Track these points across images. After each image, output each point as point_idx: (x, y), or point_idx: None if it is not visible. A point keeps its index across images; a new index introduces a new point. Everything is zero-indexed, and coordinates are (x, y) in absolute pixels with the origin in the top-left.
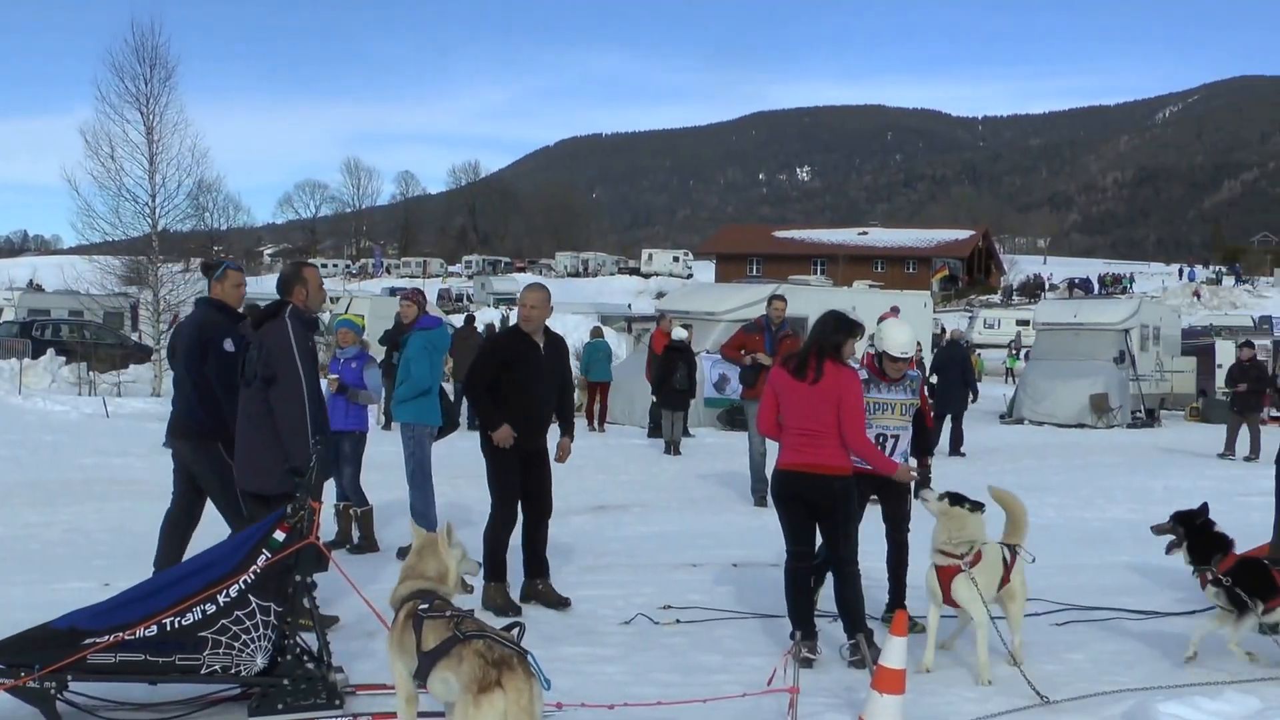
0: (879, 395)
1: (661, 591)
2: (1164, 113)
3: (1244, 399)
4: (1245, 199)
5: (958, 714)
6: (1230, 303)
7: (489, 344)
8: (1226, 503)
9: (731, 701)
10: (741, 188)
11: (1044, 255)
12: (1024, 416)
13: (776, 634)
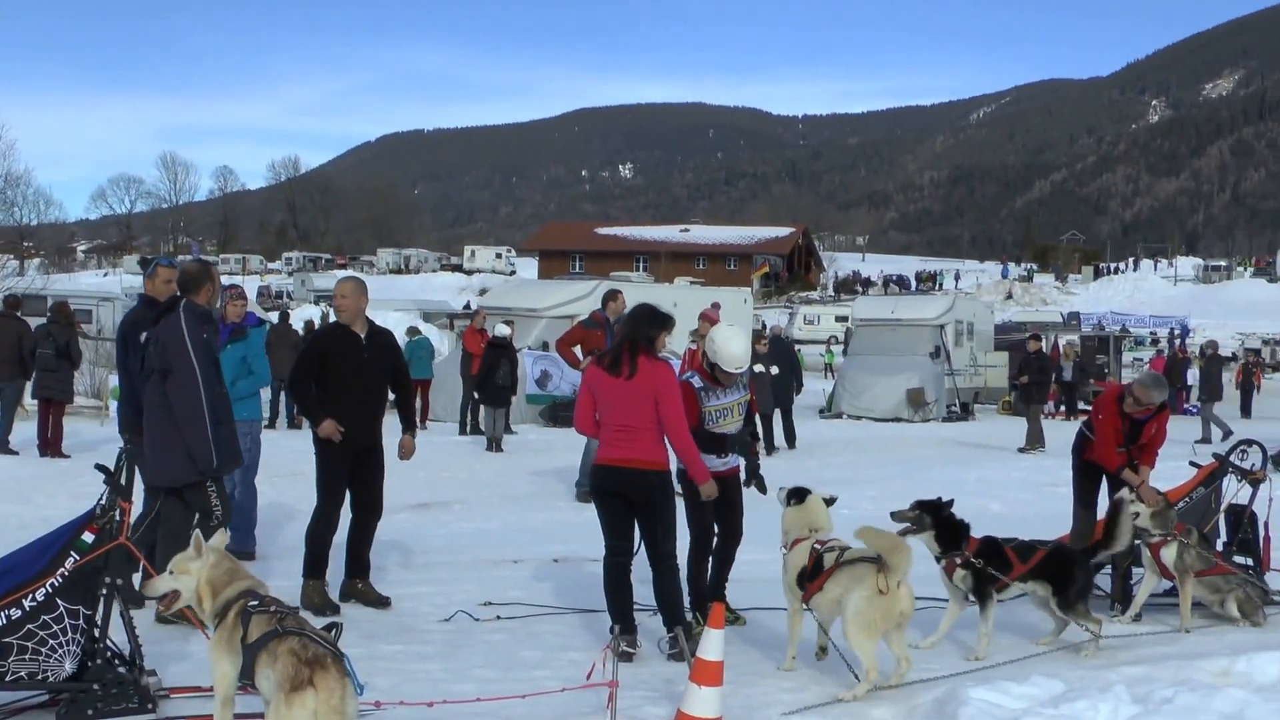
0: (716, 402)
1: (482, 588)
2: (978, 114)
3: (1028, 390)
4: (1055, 198)
5: (775, 704)
6: (1041, 299)
7: (310, 339)
8: (1035, 492)
9: (551, 697)
10: (564, 185)
11: (863, 253)
12: (843, 411)
13: (597, 629)
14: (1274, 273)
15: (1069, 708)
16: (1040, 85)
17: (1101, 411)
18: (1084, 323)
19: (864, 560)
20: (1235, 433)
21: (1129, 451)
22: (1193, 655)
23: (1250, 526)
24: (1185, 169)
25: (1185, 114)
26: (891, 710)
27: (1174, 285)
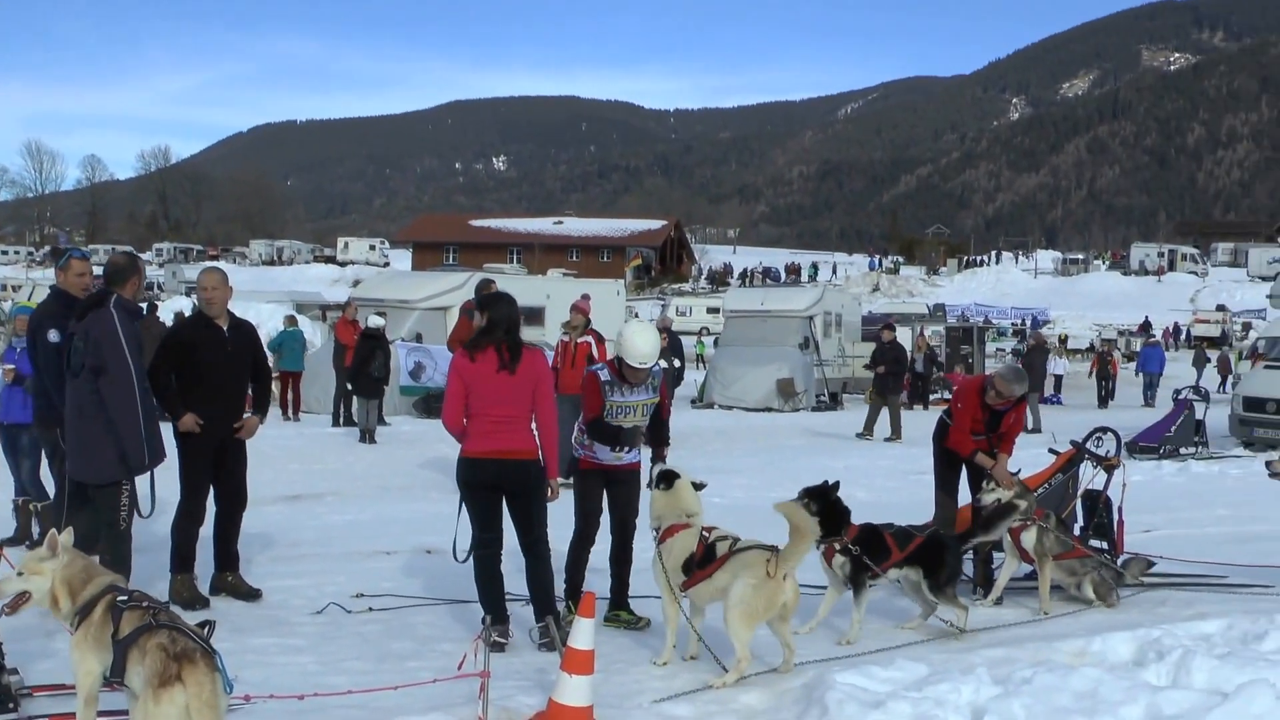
0: (620, 398)
1: (354, 580)
2: (846, 110)
3: (883, 381)
4: (920, 193)
5: (646, 691)
6: (908, 291)
7: (170, 331)
8: (900, 480)
9: (423, 688)
10: (438, 176)
11: (734, 245)
12: (714, 401)
13: (469, 619)
14: (1128, 266)
15: (932, 690)
16: (906, 82)
17: (962, 401)
18: (949, 314)
19: (756, 548)
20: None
21: (988, 439)
22: (1051, 637)
23: (1105, 511)
24: (1044, 165)
25: (1044, 112)
26: (761, 696)
27: (1034, 278)
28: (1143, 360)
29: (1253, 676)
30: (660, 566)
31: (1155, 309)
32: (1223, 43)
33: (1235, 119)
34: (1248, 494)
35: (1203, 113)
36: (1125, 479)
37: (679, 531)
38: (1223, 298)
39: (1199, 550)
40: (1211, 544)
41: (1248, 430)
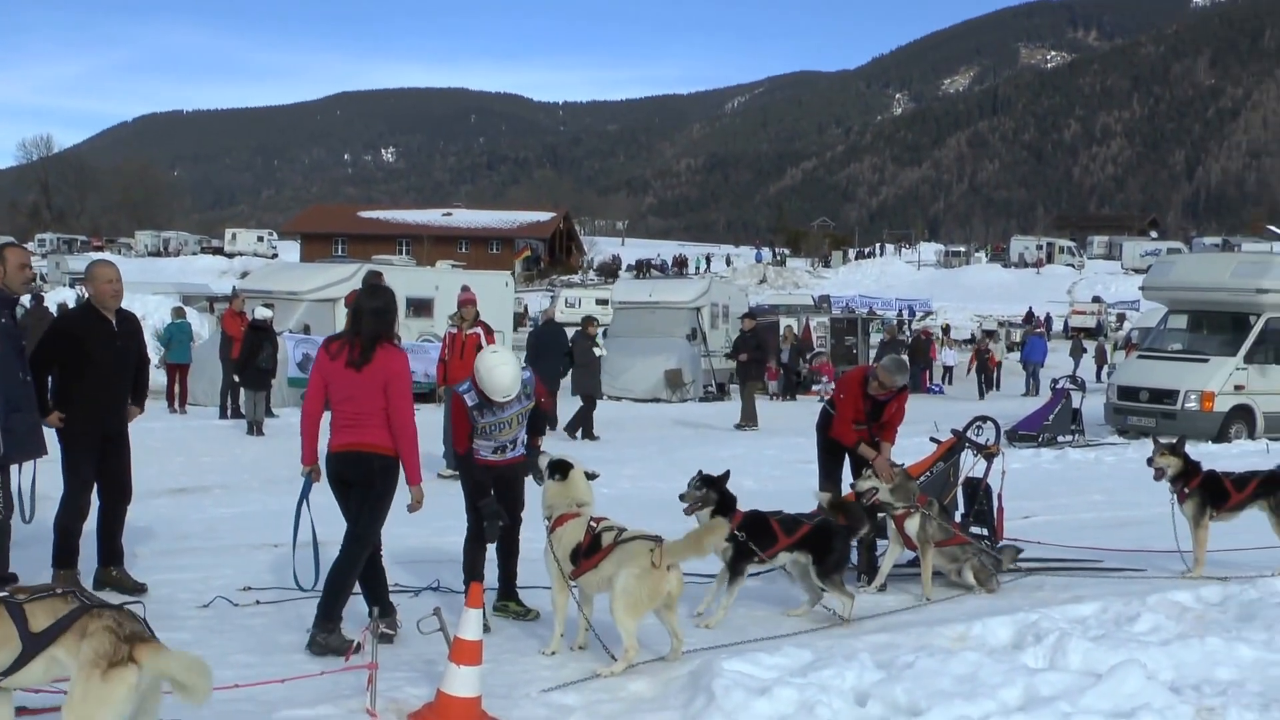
0: (492, 418)
1: (241, 573)
2: (733, 103)
3: (744, 369)
4: (806, 186)
5: (535, 681)
6: (794, 283)
7: (57, 322)
8: (786, 469)
9: (311, 680)
10: (326, 168)
11: (622, 237)
12: (603, 392)
13: (357, 611)
14: (1008, 258)
15: (817, 676)
16: (792, 77)
17: (844, 391)
18: (834, 305)
19: (640, 539)
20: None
21: (870, 429)
22: (933, 622)
23: (985, 498)
24: (927, 159)
25: (926, 107)
26: (648, 684)
27: (917, 269)
28: (1026, 350)
29: (1125, 657)
30: (551, 555)
31: (1034, 300)
32: (1097, 42)
33: (1109, 116)
34: (1122, 481)
35: (1078, 109)
36: (1005, 466)
37: (568, 521)
38: (1098, 289)
39: (1075, 536)
40: (1087, 529)
41: (1122, 418)
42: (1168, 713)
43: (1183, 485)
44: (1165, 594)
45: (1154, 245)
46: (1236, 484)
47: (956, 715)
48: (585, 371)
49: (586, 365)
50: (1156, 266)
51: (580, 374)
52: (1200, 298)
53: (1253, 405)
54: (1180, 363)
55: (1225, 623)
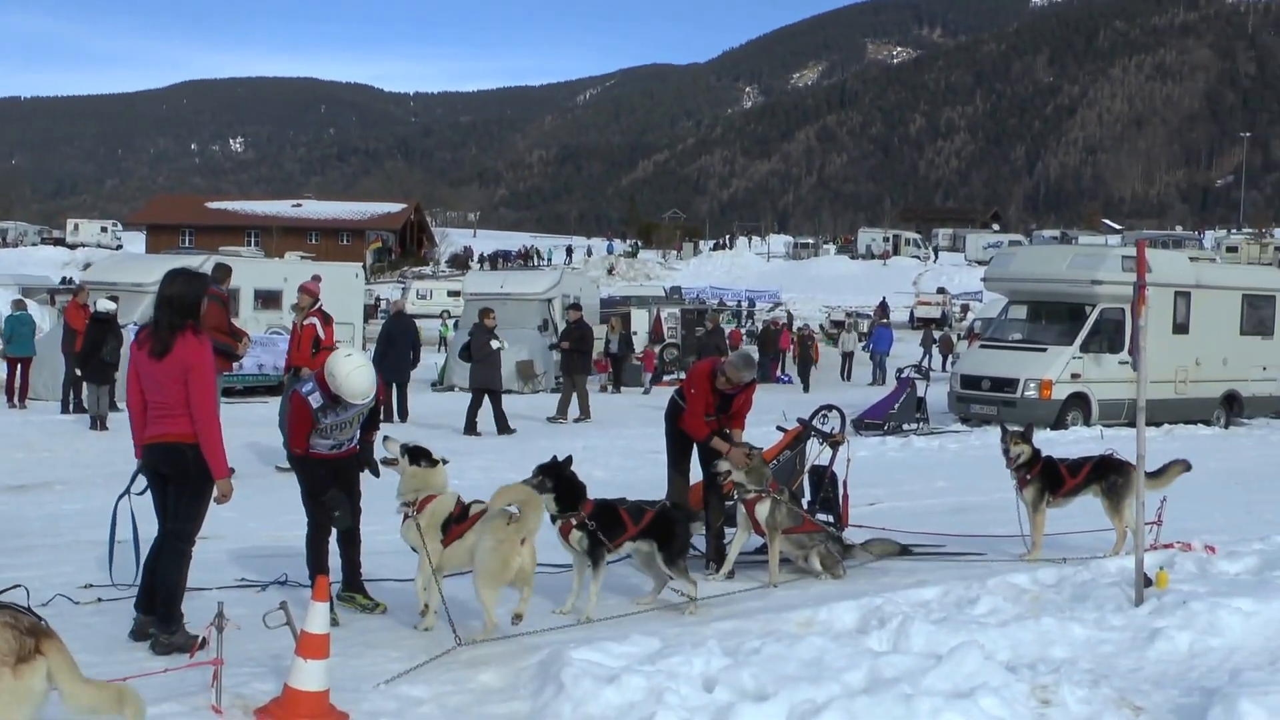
0: (334, 419)
1: (83, 570)
2: (585, 95)
3: (570, 360)
4: (657, 178)
5: (384, 673)
6: (645, 274)
7: None
8: (637, 459)
9: (155, 678)
10: (173, 158)
11: (474, 229)
12: (455, 384)
13: (202, 607)
14: (856, 250)
15: (665, 663)
16: (643, 69)
17: (694, 385)
18: (685, 296)
19: (502, 512)
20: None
21: (719, 419)
22: (780, 608)
23: (831, 486)
24: (776, 152)
25: (776, 101)
26: (497, 674)
27: (767, 261)
28: (874, 340)
29: (965, 639)
30: (416, 530)
31: (881, 291)
32: (941, 39)
33: (953, 111)
34: (964, 467)
35: (923, 105)
36: (850, 454)
37: (433, 500)
38: (943, 281)
39: (919, 521)
40: (931, 515)
41: (965, 407)
42: (1004, 691)
43: (1025, 472)
44: (1004, 577)
45: (996, 238)
46: (1071, 470)
47: (802, 699)
48: (484, 366)
49: (485, 359)
50: (997, 259)
51: (479, 369)
52: (1039, 289)
53: (1088, 393)
54: (1020, 352)
55: (1060, 603)
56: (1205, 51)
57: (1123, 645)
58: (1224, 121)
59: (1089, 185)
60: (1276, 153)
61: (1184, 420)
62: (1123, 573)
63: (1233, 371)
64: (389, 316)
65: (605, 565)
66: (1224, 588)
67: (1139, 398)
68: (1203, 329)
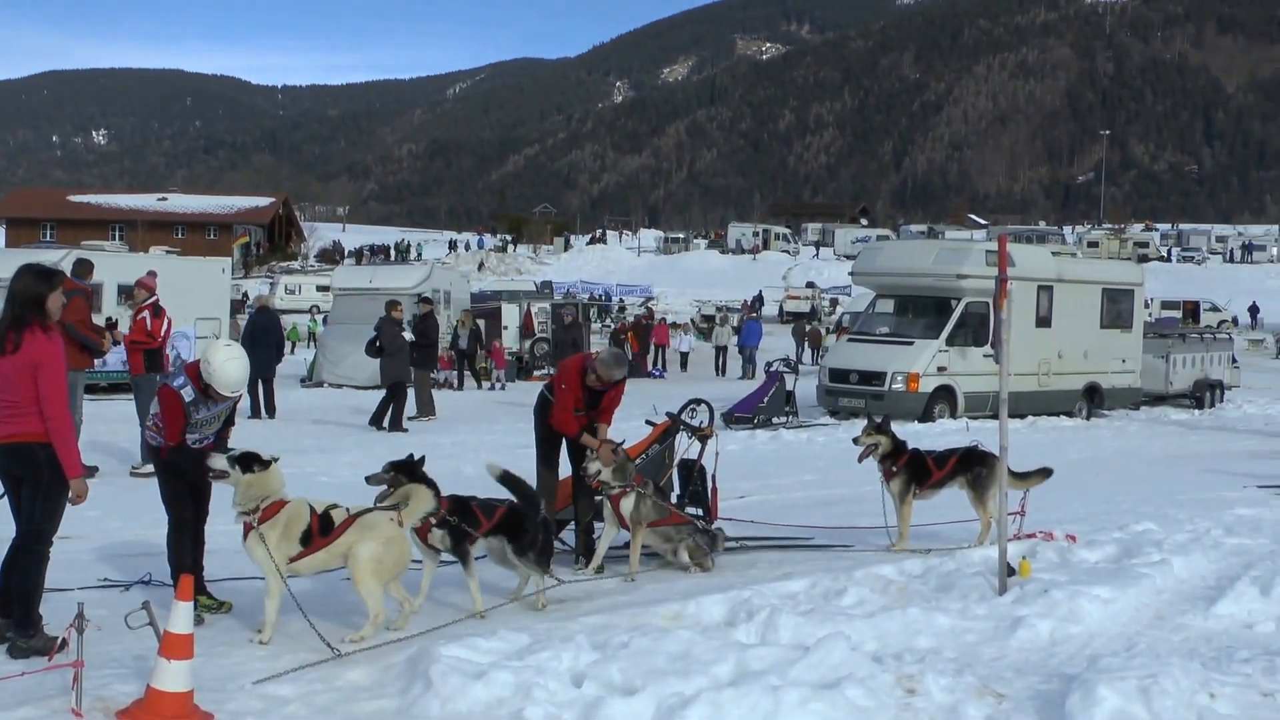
0: (206, 413)
1: None
2: (455, 89)
3: (417, 354)
4: (527, 172)
5: (249, 673)
6: (516, 269)
7: None
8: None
9: (12, 681)
10: (33, 150)
11: (343, 223)
12: (324, 380)
13: (62, 608)
14: (726, 245)
15: (534, 659)
16: (513, 63)
17: (564, 381)
18: (556, 291)
19: (378, 510)
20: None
21: (588, 415)
22: (648, 602)
23: (700, 479)
24: (647, 147)
25: (646, 96)
26: (365, 672)
27: (638, 256)
28: (743, 335)
29: (832, 630)
30: (263, 543)
31: (752, 286)
32: (809, 35)
33: (821, 107)
34: (832, 460)
35: (792, 100)
36: (719, 448)
37: (283, 507)
38: (812, 275)
39: (788, 514)
40: (799, 508)
41: (833, 400)
42: (870, 682)
43: (890, 464)
44: (871, 568)
45: (864, 232)
46: (938, 462)
47: (670, 692)
48: (396, 359)
49: (396, 352)
50: (864, 253)
51: (391, 362)
52: (905, 283)
53: (954, 386)
54: (887, 346)
55: (925, 594)
56: (1066, 51)
57: (986, 634)
58: (1084, 119)
59: (955, 181)
60: (1135, 150)
61: (1047, 412)
62: (987, 563)
63: (1093, 364)
64: (253, 311)
65: (472, 559)
66: (1084, 576)
67: (1001, 390)
68: (1065, 323)
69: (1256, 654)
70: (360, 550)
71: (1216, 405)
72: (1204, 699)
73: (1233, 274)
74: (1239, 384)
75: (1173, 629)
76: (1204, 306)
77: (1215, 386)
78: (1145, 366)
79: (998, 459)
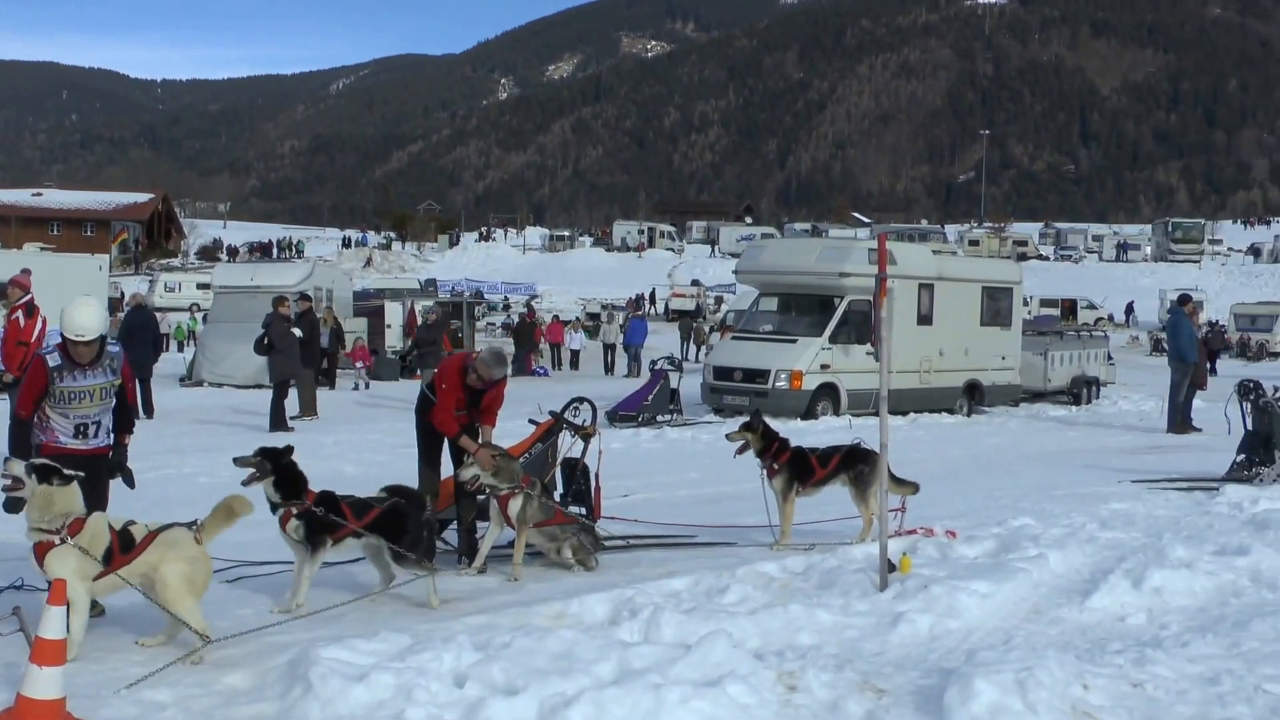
0: (73, 383)
1: None
2: (338, 84)
3: (304, 352)
4: (412, 169)
5: (124, 679)
6: (400, 267)
7: None
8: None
9: None
10: None
11: (224, 220)
12: (204, 379)
13: None
14: (611, 243)
15: (415, 659)
16: (398, 59)
17: (445, 380)
18: (440, 289)
19: (178, 527)
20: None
21: (470, 414)
22: (531, 601)
23: (583, 478)
24: (532, 144)
25: (531, 93)
26: (244, 676)
27: (523, 254)
28: (629, 333)
29: (714, 628)
30: (70, 558)
31: (637, 284)
32: (694, 33)
33: (706, 105)
34: (716, 458)
35: (677, 98)
36: (602, 446)
37: (84, 524)
38: (697, 273)
39: (672, 512)
40: (683, 506)
41: (718, 398)
42: (751, 679)
43: (771, 461)
44: (753, 566)
45: (749, 230)
46: (821, 460)
47: (552, 692)
48: (286, 356)
49: (286, 349)
50: (748, 251)
51: (280, 359)
52: (788, 281)
53: (838, 383)
54: (771, 343)
55: (808, 590)
56: (946, 51)
57: (867, 630)
58: (965, 119)
59: (839, 179)
60: (1014, 150)
61: (929, 409)
62: (869, 559)
63: (974, 361)
64: (129, 309)
65: (321, 556)
66: (963, 571)
67: (881, 388)
68: (946, 320)
69: (1128, 645)
70: (168, 571)
71: (1093, 402)
72: (1078, 690)
73: (1109, 272)
74: (1115, 381)
75: (1049, 622)
76: (1081, 304)
77: (1092, 383)
78: (1024, 364)
79: (880, 456)
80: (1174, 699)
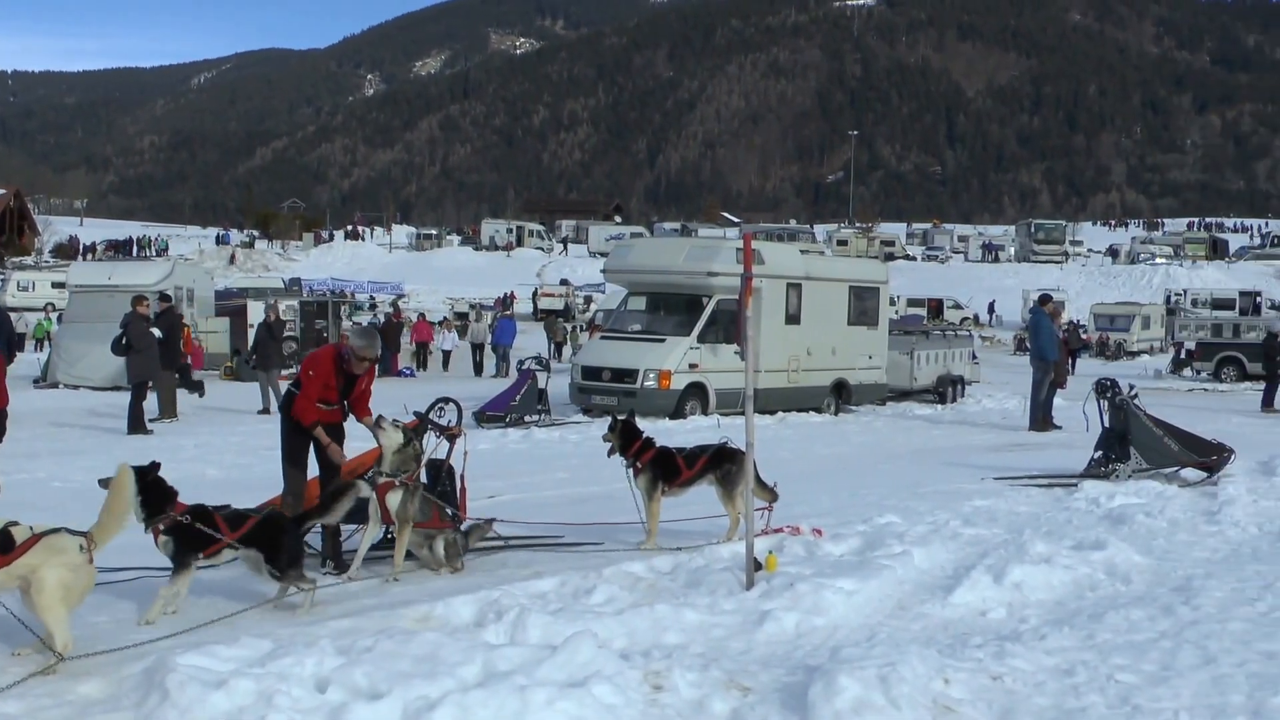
0: None
1: None
2: (199, 79)
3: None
4: (276, 166)
5: None
6: (264, 265)
7: None
8: (253, 456)
9: None
10: None
11: (81, 217)
12: (59, 380)
13: None
14: (480, 242)
15: (276, 665)
16: (261, 54)
17: (314, 369)
18: (305, 288)
19: (64, 532)
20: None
21: (342, 406)
22: (396, 604)
23: (449, 479)
24: (399, 142)
25: (398, 89)
26: (98, 685)
27: (390, 252)
28: (498, 333)
29: (580, 628)
30: None
31: (506, 283)
32: (564, 31)
33: (576, 103)
34: (584, 458)
35: (547, 96)
36: (468, 447)
37: None
38: (566, 272)
39: (539, 513)
40: (550, 506)
41: (586, 397)
42: (618, 679)
43: (634, 460)
44: (620, 566)
45: (618, 230)
46: (688, 460)
47: (416, 696)
48: (144, 356)
49: (145, 349)
50: (616, 250)
51: (138, 359)
52: (657, 280)
53: (706, 383)
54: (639, 343)
55: (675, 590)
56: (816, 52)
57: (733, 628)
58: (834, 120)
59: (708, 179)
60: (882, 151)
61: (797, 408)
62: (735, 558)
63: (841, 360)
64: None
65: (190, 572)
66: (829, 569)
67: (747, 386)
68: (813, 319)
69: (989, 639)
70: (47, 576)
71: (958, 400)
72: (939, 684)
73: (974, 272)
74: (979, 379)
75: (913, 618)
76: (947, 304)
77: (957, 382)
78: (891, 363)
79: (746, 455)
80: (1031, 690)
